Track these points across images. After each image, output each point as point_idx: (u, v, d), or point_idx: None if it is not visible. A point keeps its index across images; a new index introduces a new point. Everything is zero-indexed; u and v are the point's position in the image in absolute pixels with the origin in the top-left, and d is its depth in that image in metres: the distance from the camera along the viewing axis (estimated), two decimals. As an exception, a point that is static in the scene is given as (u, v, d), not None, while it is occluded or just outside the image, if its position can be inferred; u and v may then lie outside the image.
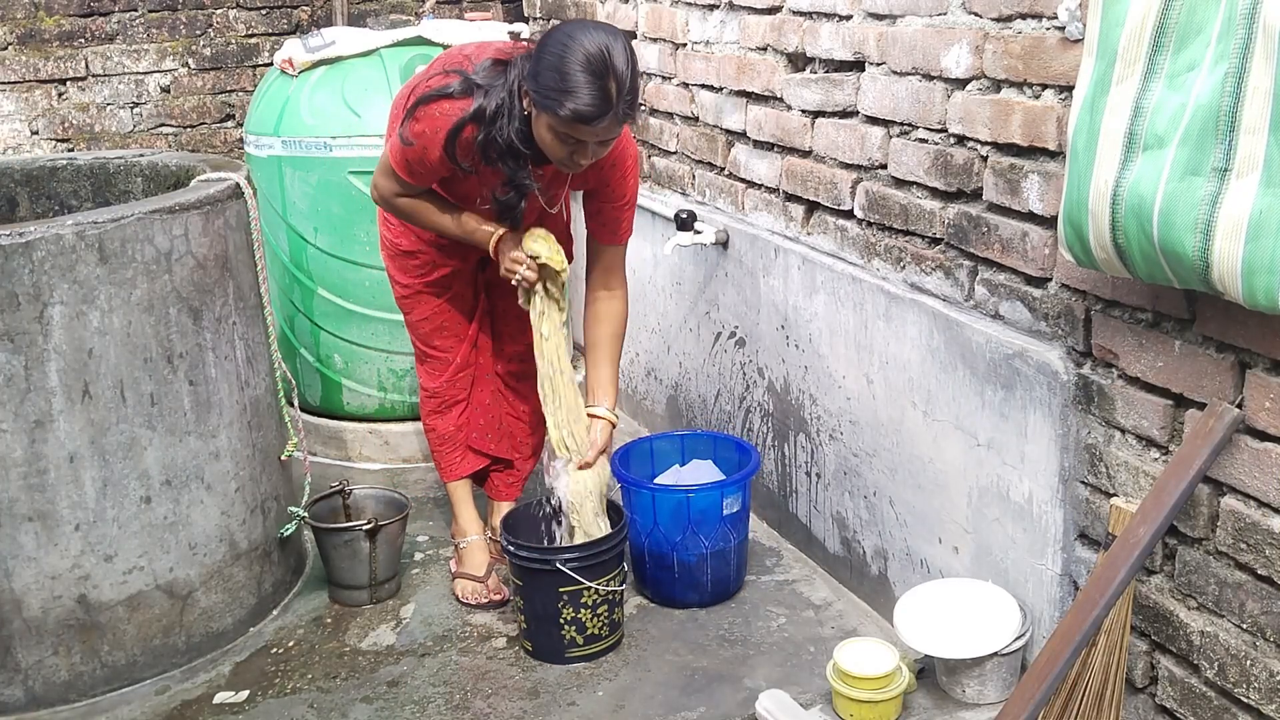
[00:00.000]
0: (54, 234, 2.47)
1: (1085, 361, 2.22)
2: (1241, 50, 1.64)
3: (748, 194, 3.25)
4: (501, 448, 3.10)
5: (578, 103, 2.35)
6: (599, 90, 2.35)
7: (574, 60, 2.34)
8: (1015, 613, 2.38)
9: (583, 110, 2.36)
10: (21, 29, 4.34)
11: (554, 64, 2.37)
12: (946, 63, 2.42)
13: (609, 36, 2.38)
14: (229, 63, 4.61)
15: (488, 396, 3.07)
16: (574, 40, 2.36)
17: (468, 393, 3.05)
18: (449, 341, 2.99)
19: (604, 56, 2.35)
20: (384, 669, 2.75)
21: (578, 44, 2.35)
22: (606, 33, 2.40)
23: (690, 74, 3.45)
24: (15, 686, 2.60)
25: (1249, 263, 1.65)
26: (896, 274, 2.68)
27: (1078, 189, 1.88)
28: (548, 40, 2.41)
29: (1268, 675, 1.89)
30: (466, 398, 3.05)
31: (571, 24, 2.45)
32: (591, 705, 2.59)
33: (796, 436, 3.09)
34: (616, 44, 2.38)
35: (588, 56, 2.34)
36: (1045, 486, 2.29)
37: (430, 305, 2.93)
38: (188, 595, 2.76)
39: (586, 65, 2.34)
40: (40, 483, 2.53)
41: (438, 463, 3.13)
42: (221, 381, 2.77)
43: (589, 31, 2.39)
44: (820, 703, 2.50)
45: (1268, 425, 1.86)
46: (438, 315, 2.95)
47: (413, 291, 2.93)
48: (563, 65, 2.35)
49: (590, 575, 2.67)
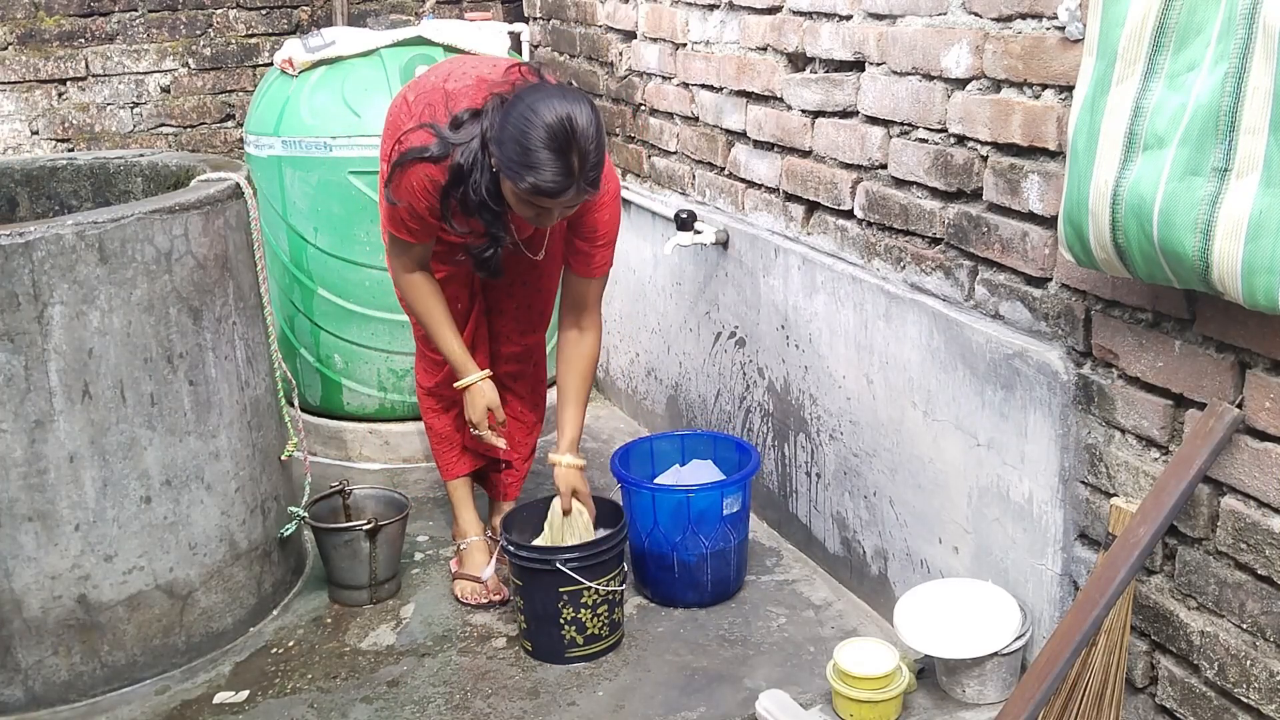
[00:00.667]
0: (54, 234, 2.47)
1: (1085, 361, 2.22)
2: (1242, 50, 1.64)
3: (748, 194, 3.25)
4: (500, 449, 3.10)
5: (539, 178, 2.37)
6: (561, 165, 2.36)
7: (535, 134, 2.35)
8: (1015, 613, 2.38)
9: (543, 186, 2.38)
10: (21, 29, 4.34)
11: (516, 136, 2.37)
12: (946, 63, 2.42)
13: (572, 105, 2.37)
14: (229, 63, 4.61)
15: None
16: (535, 113, 2.36)
17: None
18: None
19: (565, 130, 2.34)
20: (384, 669, 2.75)
21: (539, 116, 2.35)
22: (570, 101, 2.39)
23: (690, 74, 3.45)
24: (15, 686, 2.60)
25: (1249, 263, 1.65)
26: (896, 274, 2.68)
27: (1078, 189, 1.88)
28: (511, 109, 2.40)
29: (1268, 675, 1.89)
30: None
31: (535, 92, 2.43)
32: (591, 705, 2.59)
33: (796, 436, 3.09)
34: (580, 113, 2.37)
35: (549, 130, 2.34)
36: (1045, 486, 2.29)
37: None
38: (188, 595, 2.76)
39: (549, 139, 2.34)
40: (40, 483, 2.53)
41: (437, 461, 3.14)
42: (221, 381, 2.77)
43: (551, 101, 2.37)
44: (820, 703, 2.50)
45: (1268, 425, 1.86)
46: None
47: None
48: (524, 139, 2.36)
49: (590, 575, 2.67)
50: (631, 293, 3.93)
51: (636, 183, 3.86)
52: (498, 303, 2.98)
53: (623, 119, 3.94)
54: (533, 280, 2.97)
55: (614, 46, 3.91)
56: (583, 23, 4.14)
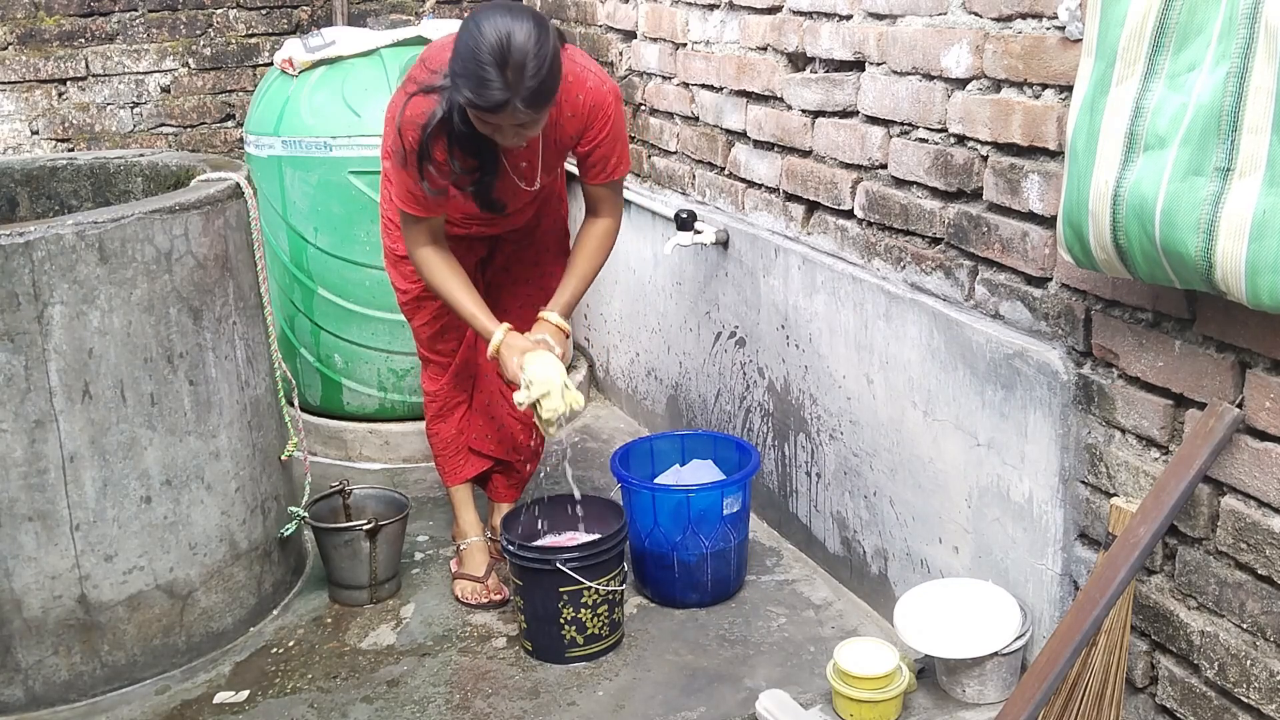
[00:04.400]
0: (54, 234, 2.47)
1: (1085, 361, 2.22)
2: (1243, 50, 1.64)
3: (748, 194, 3.25)
4: (501, 450, 3.10)
5: (474, 92, 2.33)
6: (499, 80, 2.31)
7: (478, 51, 2.32)
8: (1015, 613, 2.37)
9: (478, 100, 2.34)
10: (21, 29, 4.34)
11: (462, 53, 2.35)
12: (946, 62, 2.42)
13: (514, 22, 2.34)
14: (229, 63, 4.61)
15: (488, 398, 3.07)
16: (478, 28, 2.33)
17: (468, 395, 3.05)
18: (450, 345, 2.99)
19: (502, 45, 2.31)
20: (384, 669, 2.75)
21: (482, 34, 2.33)
22: (512, 17, 2.35)
23: (690, 74, 3.45)
24: (15, 686, 2.60)
25: (1253, 263, 1.65)
26: (897, 274, 2.68)
27: (1078, 189, 1.88)
28: (461, 29, 2.39)
29: (1268, 675, 1.89)
30: (467, 400, 3.05)
31: (482, 12, 2.40)
32: (591, 705, 2.59)
33: (796, 436, 3.09)
34: (520, 29, 2.33)
35: (489, 45, 2.31)
36: (1045, 486, 2.29)
37: (430, 310, 2.93)
38: (188, 595, 2.76)
39: (487, 54, 2.31)
40: (40, 483, 2.53)
41: (440, 467, 3.13)
42: (221, 381, 2.77)
43: (494, 18, 2.34)
44: (820, 703, 2.50)
45: (1268, 425, 1.86)
46: (437, 320, 2.94)
47: (412, 297, 2.92)
48: (469, 55, 2.33)
49: (590, 575, 2.67)
50: (631, 293, 3.93)
51: (637, 183, 3.85)
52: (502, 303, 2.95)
53: (623, 119, 3.94)
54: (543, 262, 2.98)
55: (614, 46, 3.91)
56: (583, 22, 4.14)
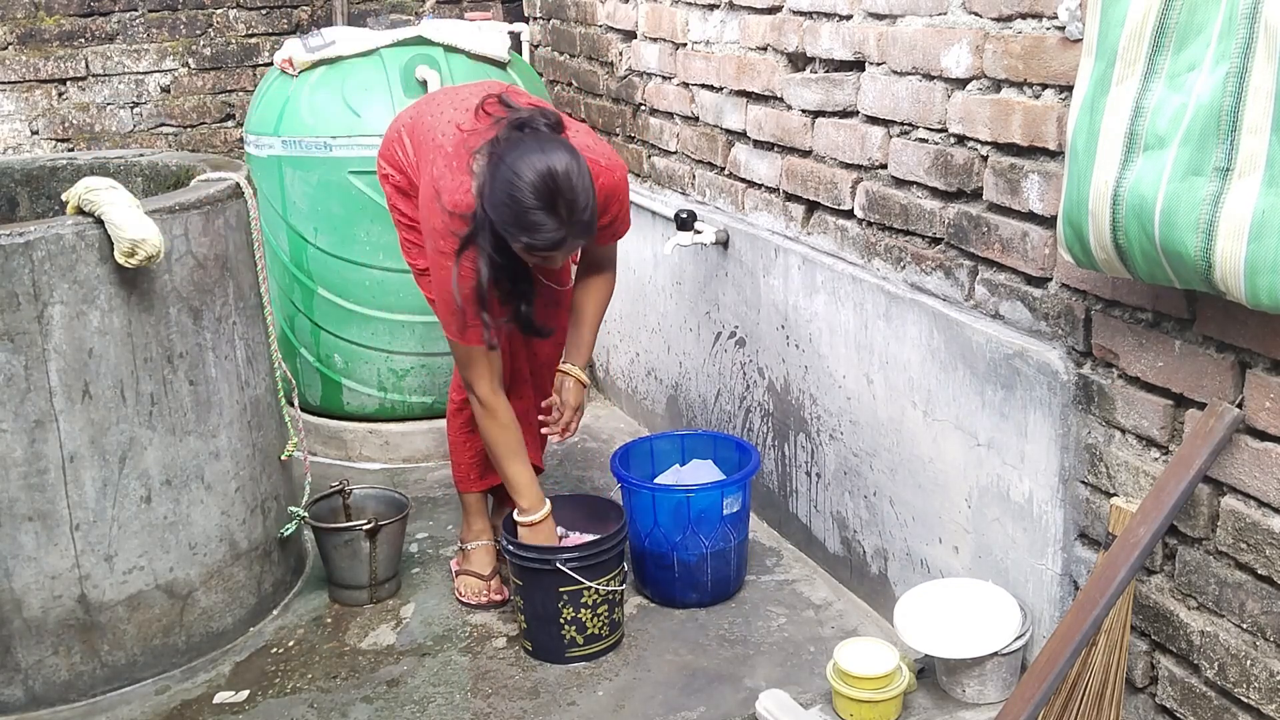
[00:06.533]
0: (54, 234, 2.47)
1: (1085, 361, 2.22)
2: (1243, 50, 1.64)
3: (748, 194, 3.25)
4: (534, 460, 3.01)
5: (533, 238, 2.41)
6: (552, 220, 2.39)
7: (522, 195, 2.38)
8: (1015, 613, 2.38)
9: (538, 244, 2.43)
10: (21, 29, 4.34)
11: (505, 200, 2.40)
12: (946, 62, 2.42)
13: (549, 156, 2.39)
14: (229, 63, 4.61)
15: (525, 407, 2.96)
16: (518, 174, 2.38)
17: None
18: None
19: (549, 185, 2.37)
20: (384, 669, 2.75)
21: (522, 177, 2.38)
22: (546, 152, 2.40)
23: (690, 74, 3.45)
24: (15, 686, 2.60)
25: (1252, 263, 1.65)
26: (896, 274, 2.68)
27: (1077, 189, 1.88)
28: (495, 174, 2.42)
29: (1268, 675, 1.89)
30: None
31: (513, 150, 2.43)
32: (591, 705, 2.59)
33: (796, 436, 3.09)
34: (558, 162, 2.38)
35: (534, 189, 2.37)
36: (1045, 486, 2.29)
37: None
38: (188, 595, 2.76)
39: (535, 197, 2.38)
40: (40, 483, 2.53)
41: (461, 474, 3.07)
42: (221, 381, 2.77)
43: (530, 158, 2.39)
44: (820, 703, 2.50)
45: (1268, 425, 1.86)
46: None
47: None
48: (513, 202, 2.39)
49: (590, 575, 2.67)
50: (631, 293, 3.93)
51: (636, 182, 3.85)
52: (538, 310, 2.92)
53: (623, 119, 3.94)
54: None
55: (614, 46, 3.91)
56: (583, 22, 4.14)
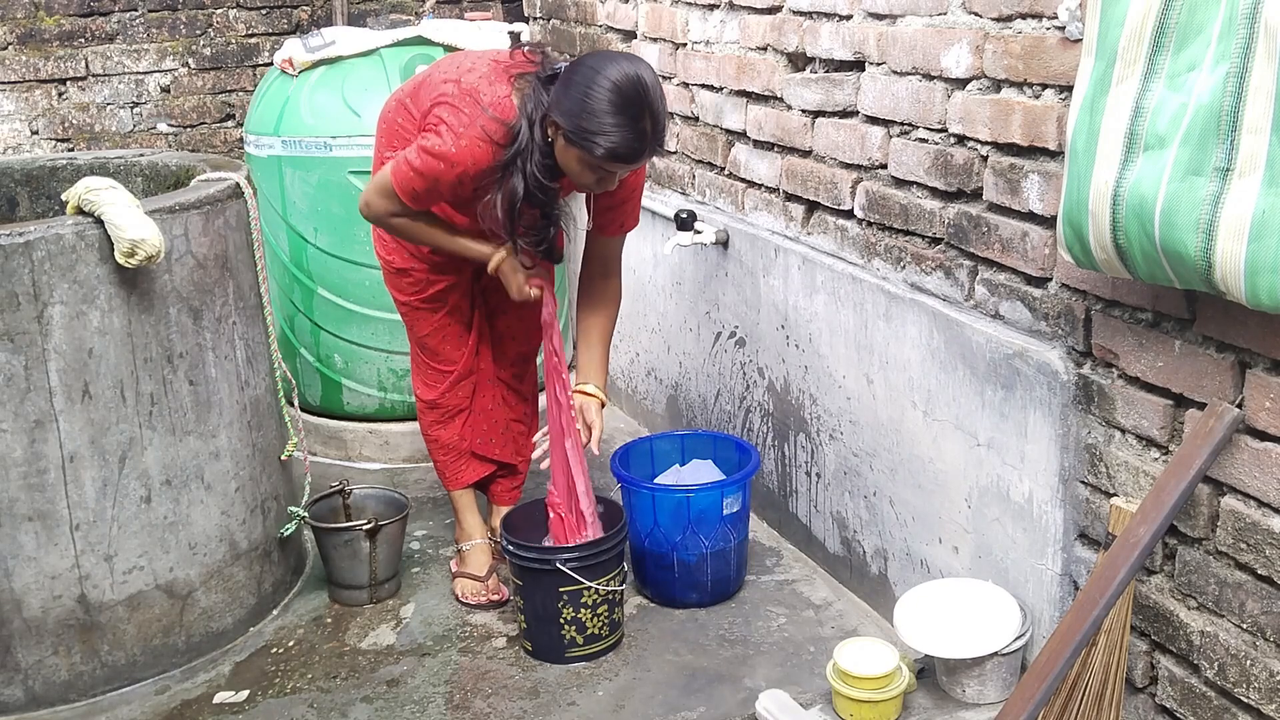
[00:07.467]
0: (54, 234, 2.47)
1: (1085, 361, 2.22)
2: (1243, 50, 1.64)
3: (748, 194, 3.25)
4: (505, 452, 3.09)
5: (614, 143, 2.32)
6: (634, 130, 2.32)
7: (606, 97, 2.30)
8: (1015, 613, 2.38)
9: (619, 151, 2.34)
10: (21, 29, 4.34)
11: (583, 103, 2.32)
12: (946, 62, 2.42)
13: (636, 65, 2.34)
14: (229, 63, 4.61)
15: (490, 402, 3.05)
16: (602, 74, 2.32)
17: (470, 400, 3.02)
18: (454, 353, 2.95)
19: (637, 91, 2.31)
20: (384, 669, 2.75)
21: (607, 78, 2.31)
22: (633, 62, 2.35)
23: (690, 74, 3.45)
24: (15, 686, 2.60)
25: (1252, 263, 1.65)
26: (896, 274, 2.68)
27: (1077, 189, 1.88)
28: (574, 77, 2.36)
29: (1268, 675, 1.89)
30: (469, 406, 3.02)
31: (595, 57, 2.40)
32: (591, 705, 2.59)
33: (796, 436, 3.09)
34: (645, 72, 2.34)
35: (620, 92, 2.30)
36: (1045, 486, 2.29)
37: (431, 320, 2.91)
38: (188, 595, 2.76)
39: (621, 102, 2.30)
40: (40, 483, 2.53)
41: (441, 472, 3.11)
42: (221, 381, 2.77)
43: (617, 63, 2.34)
44: (820, 703, 2.50)
45: (1268, 425, 1.86)
46: (440, 329, 2.92)
47: (410, 308, 2.91)
48: (593, 104, 2.31)
49: (590, 575, 2.67)
50: (631, 293, 3.92)
51: (636, 183, 3.85)
52: (500, 304, 2.96)
53: (623, 119, 3.94)
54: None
55: (614, 46, 3.91)
56: (583, 22, 4.14)
